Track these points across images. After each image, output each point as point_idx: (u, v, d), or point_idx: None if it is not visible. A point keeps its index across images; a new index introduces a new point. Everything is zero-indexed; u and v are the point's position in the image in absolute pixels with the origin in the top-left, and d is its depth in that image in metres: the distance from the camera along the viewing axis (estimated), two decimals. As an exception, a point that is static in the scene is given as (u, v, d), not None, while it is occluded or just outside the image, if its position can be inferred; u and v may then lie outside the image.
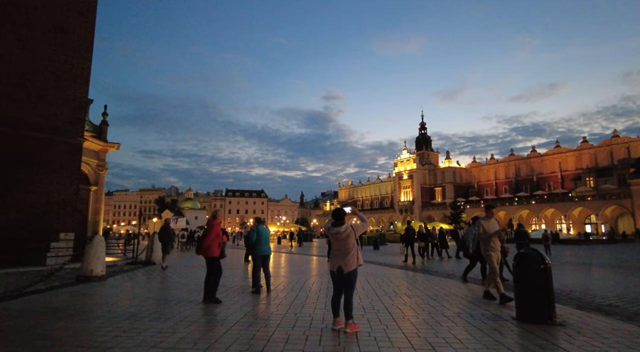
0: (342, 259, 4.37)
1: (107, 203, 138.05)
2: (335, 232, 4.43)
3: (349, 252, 4.38)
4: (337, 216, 4.55)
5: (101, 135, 21.02)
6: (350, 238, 4.40)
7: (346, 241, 4.39)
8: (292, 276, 10.14)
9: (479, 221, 6.50)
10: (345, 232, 4.39)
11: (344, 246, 4.40)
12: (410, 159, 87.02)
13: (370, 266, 12.78)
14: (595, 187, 59.64)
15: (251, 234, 7.25)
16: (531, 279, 4.81)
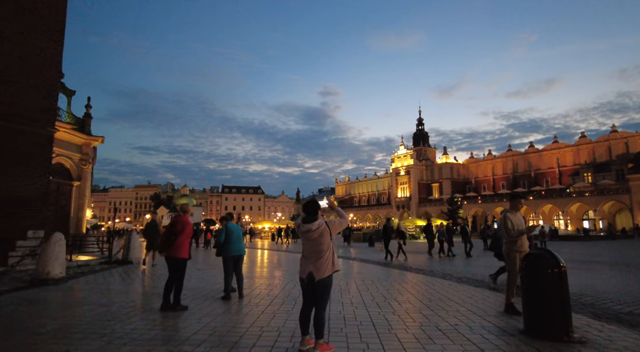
0: (314, 263, 3.58)
1: (102, 200, 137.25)
2: (305, 229, 3.63)
3: (321, 254, 3.58)
4: (308, 209, 3.74)
5: (84, 128, 20.07)
6: (323, 237, 3.60)
7: (319, 241, 3.59)
8: (275, 277, 9.30)
9: (505, 214, 5.38)
10: (318, 230, 3.59)
11: (316, 246, 3.61)
12: (407, 155, 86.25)
13: (361, 265, 11.97)
14: (593, 182, 59.02)
15: (219, 232, 6.38)
16: (543, 285, 3.98)
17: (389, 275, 9.38)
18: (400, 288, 7.33)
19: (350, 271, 10.41)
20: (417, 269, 10.95)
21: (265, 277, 9.11)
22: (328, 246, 3.64)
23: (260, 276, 9.48)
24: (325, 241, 3.62)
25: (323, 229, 3.61)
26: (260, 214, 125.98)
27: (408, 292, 6.90)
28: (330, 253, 3.65)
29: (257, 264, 12.76)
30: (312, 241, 3.60)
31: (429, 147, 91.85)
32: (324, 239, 3.61)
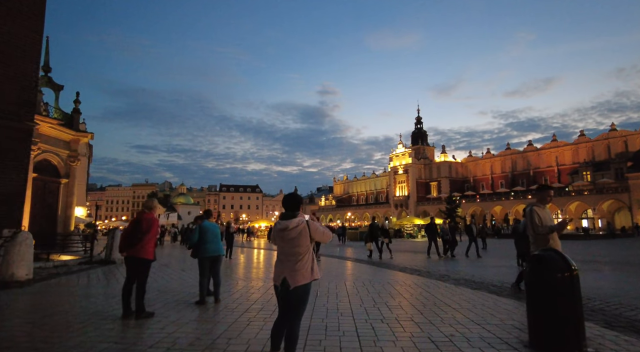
0: (290, 268, 3.05)
1: (99, 198, 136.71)
2: (282, 227, 3.09)
3: (299, 258, 3.05)
4: (288, 204, 3.19)
5: (72, 124, 19.46)
6: (302, 238, 3.07)
7: (296, 242, 3.06)
8: (259, 279, 8.74)
9: (531, 208, 4.58)
10: (296, 229, 3.05)
11: (292, 248, 3.07)
12: (405, 154, 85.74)
13: (355, 265, 11.43)
14: (592, 181, 58.65)
15: (193, 232, 5.82)
16: (551, 291, 3.44)
17: (381, 276, 8.83)
18: (393, 291, 6.78)
19: (342, 271, 9.87)
20: (413, 269, 10.41)
21: (251, 279, 8.55)
22: (307, 249, 3.11)
23: (246, 277, 8.93)
24: (304, 242, 3.09)
25: (302, 229, 3.07)
26: (258, 212, 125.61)
27: (401, 295, 6.36)
28: (309, 257, 3.12)
29: (243, 265, 12.21)
30: (288, 241, 3.07)
31: (427, 146, 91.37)
32: (303, 240, 3.07)
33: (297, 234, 3.05)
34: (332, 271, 10.03)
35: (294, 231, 3.05)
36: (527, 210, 4.61)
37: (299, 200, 3.27)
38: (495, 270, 10.50)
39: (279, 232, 3.13)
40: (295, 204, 3.19)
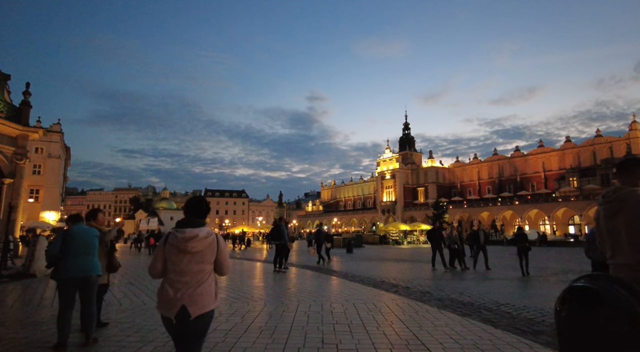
0: (191, 292, 2.43)
1: (80, 203, 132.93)
2: (187, 237, 2.46)
3: (204, 278, 2.51)
4: (194, 209, 2.63)
5: (21, 118, 17.56)
6: (210, 253, 2.53)
7: (203, 257, 2.50)
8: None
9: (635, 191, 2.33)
10: (206, 241, 2.50)
11: (196, 265, 2.48)
12: (393, 159, 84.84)
13: (322, 279, 9.87)
14: (578, 187, 58.43)
15: (54, 242, 3.99)
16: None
17: (354, 295, 7.30)
18: (366, 317, 5.26)
19: (301, 287, 8.31)
20: (391, 284, 8.91)
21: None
22: (212, 268, 2.57)
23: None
24: (211, 258, 2.53)
25: (211, 241, 2.53)
26: (244, 218, 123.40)
27: (364, 329, 4.80)
28: (213, 278, 2.57)
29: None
30: (192, 255, 2.46)
31: (415, 151, 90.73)
32: (210, 255, 2.52)
33: (205, 247, 2.49)
34: (286, 283, 8.51)
35: (202, 243, 2.47)
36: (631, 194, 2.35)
37: (207, 206, 2.73)
38: (500, 285, 9.09)
39: (181, 243, 2.44)
40: (202, 210, 2.65)
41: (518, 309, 5.93)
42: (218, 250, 2.56)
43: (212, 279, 2.53)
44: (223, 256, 2.58)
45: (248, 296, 6.93)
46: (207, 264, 2.50)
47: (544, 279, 10.54)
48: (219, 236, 2.66)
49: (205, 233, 2.51)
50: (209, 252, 2.51)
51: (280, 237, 11.36)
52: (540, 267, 13.64)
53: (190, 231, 2.46)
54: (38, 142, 52.69)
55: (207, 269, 2.51)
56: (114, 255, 4.35)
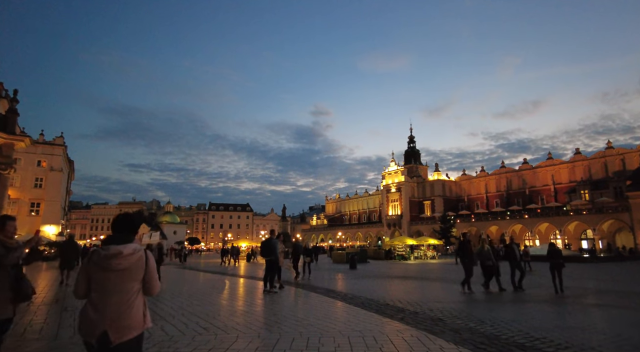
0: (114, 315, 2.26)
1: (84, 217, 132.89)
2: (113, 253, 2.32)
3: (131, 298, 2.34)
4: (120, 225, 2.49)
5: (6, 127, 16.75)
6: (137, 271, 2.38)
7: (129, 275, 2.35)
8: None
9: None
10: (132, 258, 2.36)
11: (122, 284, 2.33)
12: (398, 172, 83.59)
13: (323, 303, 8.64)
14: (590, 200, 56.64)
15: None
16: None
17: (351, 324, 6.07)
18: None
19: (289, 313, 7.10)
20: (397, 309, 7.66)
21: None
22: (140, 288, 2.41)
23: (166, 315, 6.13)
24: (138, 277, 2.39)
25: (139, 258, 2.39)
26: (247, 232, 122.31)
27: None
28: (141, 298, 2.41)
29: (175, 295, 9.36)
30: (117, 273, 2.31)
31: (420, 164, 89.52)
32: (137, 273, 2.38)
33: (132, 264, 2.36)
34: (273, 308, 7.31)
35: (128, 260, 2.34)
36: None
37: (136, 221, 2.56)
38: (530, 310, 7.79)
39: (104, 261, 2.31)
40: (129, 226, 2.50)
41: (559, 348, 4.68)
42: (146, 267, 2.44)
43: (139, 300, 2.40)
44: (151, 274, 2.46)
45: (221, 325, 5.75)
46: (133, 282, 2.39)
47: (578, 301, 9.19)
48: (148, 253, 2.49)
49: (132, 249, 2.39)
50: (136, 269, 2.39)
51: (270, 253, 10.22)
52: (571, 286, 12.21)
53: (115, 248, 2.36)
54: (40, 156, 52.46)
55: (133, 289, 2.39)
56: (23, 279, 3.26)
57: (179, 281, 14.20)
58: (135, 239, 2.50)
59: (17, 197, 47.76)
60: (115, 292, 2.30)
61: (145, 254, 2.44)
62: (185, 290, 10.65)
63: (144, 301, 2.42)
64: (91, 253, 2.37)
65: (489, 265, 11.03)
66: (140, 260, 2.40)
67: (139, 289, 2.40)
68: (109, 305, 2.26)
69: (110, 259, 2.29)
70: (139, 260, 2.39)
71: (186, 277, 16.20)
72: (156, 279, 2.49)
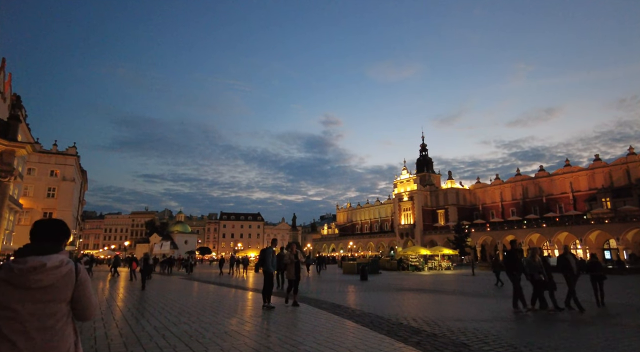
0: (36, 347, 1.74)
1: (98, 226, 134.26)
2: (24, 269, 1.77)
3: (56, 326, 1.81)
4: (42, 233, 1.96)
5: (8, 133, 16.39)
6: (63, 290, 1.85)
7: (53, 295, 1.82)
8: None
9: None
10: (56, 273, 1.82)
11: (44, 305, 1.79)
12: (410, 180, 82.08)
13: (333, 321, 7.71)
14: (613, 208, 54.34)
15: None
16: None
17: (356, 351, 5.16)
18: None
19: (285, 335, 6.19)
20: (413, 330, 6.68)
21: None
22: (68, 312, 1.88)
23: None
24: (65, 297, 1.86)
25: (67, 273, 1.87)
26: (258, 241, 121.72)
27: None
28: (71, 326, 1.90)
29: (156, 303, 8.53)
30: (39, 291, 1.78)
31: (433, 173, 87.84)
32: (63, 293, 1.85)
33: (57, 280, 1.83)
34: (268, 327, 6.42)
35: (52, 274, 1.82)
36: None
37: (62, 228, 2.02)
38: (575, 332, 6.72)
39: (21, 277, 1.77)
40: (55, 233, 1.98)
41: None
42: (77, 284, 1.90)
43: (69, 327, 1.88)
44: (84, 293, 1.91)
45: (201, 350, 4.89)
46: (59, 303, 1.85)
47: (625, 321, 8.03)
48: (80, 266, 1.96)
49: (57, 262, 1.86)
50: (63, 287, 1.86)
51: (263, 263, 9.39)
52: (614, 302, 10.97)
53: (34, 260, 1.82)
54: (54, 165, 52.94)
55: (59, 312, 1.85)
56: None
57: (176, 293, 13.39)
58: (62, 250, 1.96)
59: (30, 206, 48.03)
60: (35, 316, 1.77)
61: (75, 267, 1.92)
62: (178, 305, 9.83)
63: (74, 328, 1.91)
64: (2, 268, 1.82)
65: (539, 280, 9.19)
66: (68, 275, 1.87)
67: (66, 312, 1.88)
68: (22, 335, 1.72)
69: (27, 274, 1.77)
70: (66, 275, 1.87)
71: (185, 289, 15.41)
72: (91, 299, 1.95)
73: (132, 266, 21.80)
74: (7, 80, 30.42)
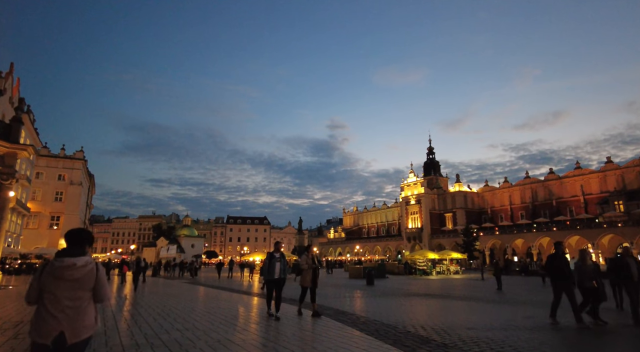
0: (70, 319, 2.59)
1: (105, 230, 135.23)
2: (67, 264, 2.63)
3: (84, 304, 2.68)
4: (73, 239, 2.77)
5: (9, 135, 16.23)
6: (89, 281, 2.70)
7: (82, 284, 2.67)
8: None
9: None
10: (85, 269, 2.68)
11: (76, 291, 2.64)
12: (417, 183, 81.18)
13: (335, 329, 7.27)
14: (626, 211, 53.06)
15: None
16: None
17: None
18: None
19: (281, 345, 5.75)
20: (421, 339, 6.21)
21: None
22: (91, 295, 2.74)
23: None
24: (89, 285, 2.71)
25: (90, 270, 2.71)
26: (265, 245, 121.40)
27: None
28: (92, 305, 2.75)
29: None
30: (71, 283, 2.62)
31: (440, 176, 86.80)
32: (88, 283, 2.70)
33: (84, 275, 2.68)
34: (265, 336, 6.01)
35: (80, 271, 2.67)
36: None
37: (88, 236, 2.87)
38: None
39: (60, 271, 2.61)
40: (81, 239, 2.82)
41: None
42: (97, 278, 2.73)
43: (91, 306, 2.73)
44: (100, 284, 2.75)
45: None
46: (85, 291, 2.69)
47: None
48: (99, 264, 2.80)
49: (84, 262, 2.69)
50: (88, 279, 2.68)
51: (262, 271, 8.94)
52: None
53: (69, 260, 2.65)
54: (61, 170, 53.19)
55: (85, 297, 2.69)
56: None
57: (176, 298, 13.00)
58: (87, 253, 2.77)
59: (38, 210, 48.20)
60: (69, 298, 2.61)
61: (96, 266, 2.75)
62: (176, 310, 9.44)
63: (95, 308, 2.76)
64: (44, 264, 2.68)
65: (590, 287, 7.76)
66: (92, 271, 2.71)
67: (89, 297, 2.72)
68: (62, 311, 2.57)
69: (65, 270, 2.61)
70: (90, 271, 2.70)
71: (186, 294, 15.02)
72: (106, 289, 2.79)
73: (122, 269, 22.31)
74: (15, 85, 30.57)
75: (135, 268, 16.27)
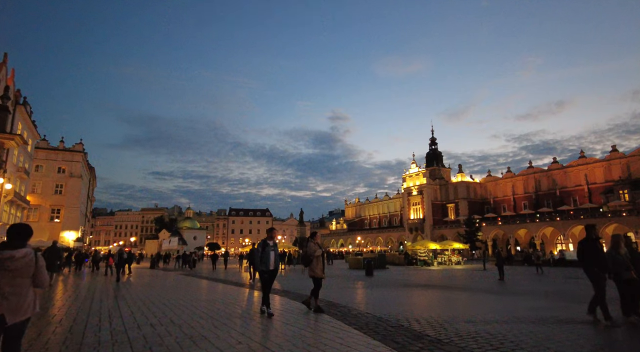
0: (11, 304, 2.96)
1: (108, 223, 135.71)
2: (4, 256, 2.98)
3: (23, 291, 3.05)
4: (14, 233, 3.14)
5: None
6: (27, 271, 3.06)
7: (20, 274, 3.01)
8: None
9: None
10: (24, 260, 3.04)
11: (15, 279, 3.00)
12: (419, 174, 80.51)
13: (322, 323, 6.78)
14: (631, 200, 52.34)
15: None
16: None
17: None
18: None
19: (263, 343, 5.26)
20: (414, 334, 5.71)
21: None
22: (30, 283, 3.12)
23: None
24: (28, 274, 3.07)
25: (30, 260, 3.08)
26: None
27: None
28: (31, 290, 3.12)
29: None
30: (11, 272, 2.97)
31: (443, 167, 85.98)
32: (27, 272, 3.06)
33: (24, 265, 3.02)
34: (249, 335, 5.51)
35: (20, 261, 3.01)
36: None
37: (27, 231, 3.21)
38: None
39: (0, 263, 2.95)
40: (20, 234, 3.15)
41: None
42: (36, 267, 3.11)
43: (30, 292, 3.08)
44: (39, 272, 3.13)
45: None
46: (24, 279, 3.04)
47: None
48: (38, 255, 3.18)
49: (23, 253, 3.05)
50: (27, 269, 3.04)
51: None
52: None
53: (8, 252, 2.99)
54: (61, 162, 52.85)
55: (24, 284, 3.05)
56: None
57: (161, 289, 12.58)
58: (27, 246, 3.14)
59: (38, 203, 48.00)
60: (11, 285, 2.95)
61: (35, 256, 3.13)
62: (157, 303, 8.98)
63: (34, 292, 3.13)
64: None
65: (629, 278, 6.62)
66: (31, 261, 3.08)
67: (29, 283, 3.09)
68: (5, 296, 2.92)
69: (4, 261, 2.95)
70: (29, 261, 3.07)
71: (175, 285, 14.61)
72: (44, 276, 3.19)
73: (108, 261, 22.51)
74: (9, 76, 30.00)
75: (118, 260, 16.76)
